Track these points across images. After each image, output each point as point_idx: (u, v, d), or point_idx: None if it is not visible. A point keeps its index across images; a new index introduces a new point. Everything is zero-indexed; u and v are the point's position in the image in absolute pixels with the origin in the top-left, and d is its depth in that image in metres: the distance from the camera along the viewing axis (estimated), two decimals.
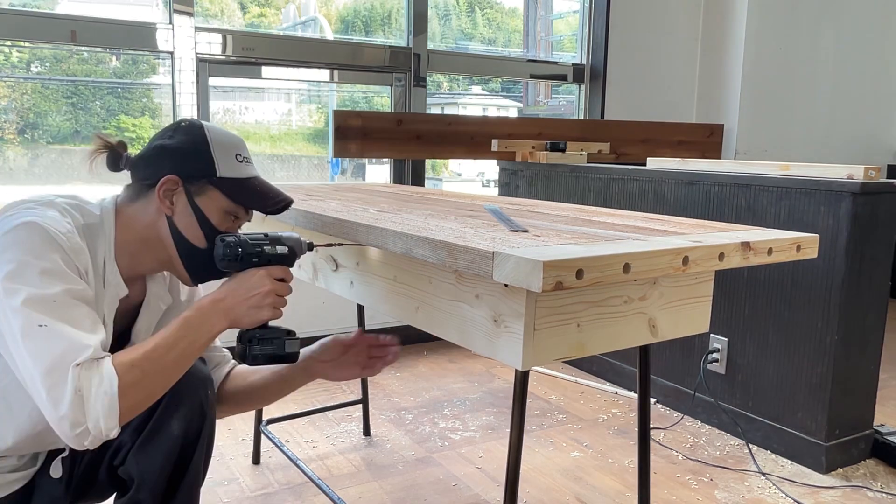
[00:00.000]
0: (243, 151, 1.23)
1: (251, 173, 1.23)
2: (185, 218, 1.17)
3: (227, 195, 1.18)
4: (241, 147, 1.23)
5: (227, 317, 1.12)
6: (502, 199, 1.85)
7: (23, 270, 0.99)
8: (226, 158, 1.19)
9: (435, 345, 3.34)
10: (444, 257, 1.00)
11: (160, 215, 1.17)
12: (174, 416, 1.22)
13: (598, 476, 2.13)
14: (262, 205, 1.24)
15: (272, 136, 3.42)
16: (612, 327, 1.12)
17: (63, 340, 0.97)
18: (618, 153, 3.65)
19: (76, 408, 0.94)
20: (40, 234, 1.02)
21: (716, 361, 2.47)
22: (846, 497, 2.04)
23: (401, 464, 2.18)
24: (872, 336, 2.21)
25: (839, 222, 2.08)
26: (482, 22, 3.95)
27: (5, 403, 1.10)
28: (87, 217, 1.14)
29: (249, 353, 1.18)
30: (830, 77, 4.23)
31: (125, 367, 0.99)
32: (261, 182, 1.24)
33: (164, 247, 1.18)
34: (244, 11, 3.26)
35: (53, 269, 1.01)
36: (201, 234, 1.18)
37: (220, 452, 2.21)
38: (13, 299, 0.97)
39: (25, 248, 1.00)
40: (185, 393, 1.22)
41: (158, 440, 1.21)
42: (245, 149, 1.24)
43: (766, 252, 1.13)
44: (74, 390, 0.94)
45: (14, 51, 2.76)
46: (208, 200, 1.18)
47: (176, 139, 1.19)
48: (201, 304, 1.11)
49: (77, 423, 0.95)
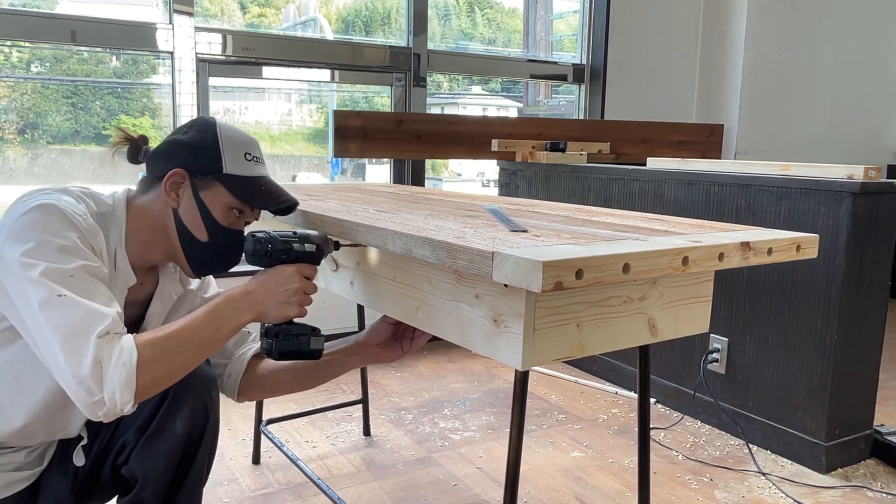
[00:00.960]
0: (254, 151, 1.25)
1: (259, 173, 1.25)
2: (190, 211, 1.20)
3: (231, 191, 1.20)
4: (252, 146, 1.25)
5: (255, 309, 1.15)
6: (502, 199, 1.85)
7: (41, 247, 1.01)
8: (234, 156, 1.21)
9: (435, 345, 3.34)
10: (444, 257, 1.00)
11: (167, 207, 1.20)
12: (177, 416, 1.22)
13: (598, 476, 2.13)
14: (265, 203, 1.25)
15: (272, 136, 3.42)
16: (611, 327, 1.12)
17: (82, 309, 0.99)
18: (618, 153, 3.65)
19: (95, 376, 0.96)
20: (57, 215, 1.05)
21: (716, 361, 2.47)
22: (846, 497, 2.04)
23: (401, 464, 2.18)
24: (872, 336, 2.21)
25: (839, 222, 2.08)
26: (482, 22, 3.95)
27: (19, 384, 1.12)
28: (100, 206, 1.17)
29: (275, 349, 1.19)
30: (830, 77, 4.23)
31: (146, 344, 1.01)
32: (267, 182, 1.26)
33: (168, 238, 1.21)
34: (244, 11, 3.26)
35: (70, 246, 1.04)
36: (203, 227, 1.20)
37: (220, 452, 2.21)
38: (31, 272, 0.99)
39: (43, 227, 1.03)
40: (189, 393, 1.23)
41: (162, 440, 1.21)
42: (257, 149, 1.26)
43: (765, 252, 1.13)
44: (94, 360, 0.96)
45: (14, 51, 2.76)
46: (212, 195, 1.20)
47: (189, 135, 1.22)
48: (231, 295, 1.14)
49: (92, 391, 0.96)
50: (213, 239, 1.21)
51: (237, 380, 1.41)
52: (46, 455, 1.24)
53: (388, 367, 3.04)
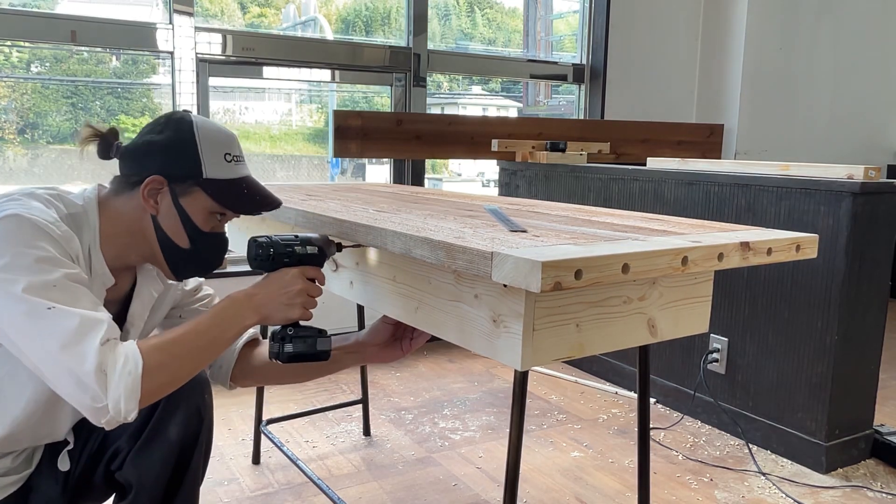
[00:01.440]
0: (234, 149, 1.20)
1: (240, 173, 1.20)
2: (170, 218, 1.16)
3: (212, 196, 1.17)
4: (231, 145, 1.20)
5: (259, 312, 1.13)
6: (502, 199, 1.85)
7: (18, 261, 0.98)
8: (214, 158, 1.17)
9: (435, 345, 3.34)
10: (443, 257, 1.00)
11: (145, 213, 1.16)
12: (171, 422, 1.22)
13: (598, 476, 2.13)
14: (248, 208, 1.22)
15: (272, 136, 3.42)
16: (611, 327, 1.12)
17: (75, 317, 0.96)
18: (618, 153, 3.65)
19: (99, 384, 0.94)
20: (28, 225, 1.02)
21: (716, 361, 2.47)
22: (846, 497, 2.04)
23: (401, 464, 2.18)
24: (872, 336, 2.21)
25: (839, 222, 2.08)
26: (482, 22, 3.95)
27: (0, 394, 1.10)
28: (70, 207, 1.13)
29: (283, 351, 1.19)
30: (830, 77, 4.23)
31: (150, 350, 1.00)
32: (249, 183, 1.22)
33: (147, 242, 1.18)
34: (244, 11, 3.26)
35: (48, 256, 1.01)
36: (185, 234, 1.17)
37: (220, 452, 2.21)
38: (13, 287, 0.96)
39: (16, 239, 1.00)
40: (182, 397, 1.22)
41: (156, 446, 1.21)
42: (236, 146, 1.21)
43: (765, 252, 1.13)
44: (98, 367, 0.94)
45: (14, 51, 2.76)
46: (193, 201, 1.16)
47: (165, 135, 1.16)
48: (235, 297, 1.13)
49: (98, 397, 0.94)
50: (195, 245, 1.18)
51: (228, 370, 1.40)
52: (34, 458, 1.23)
53: (388, 367, 3.04)
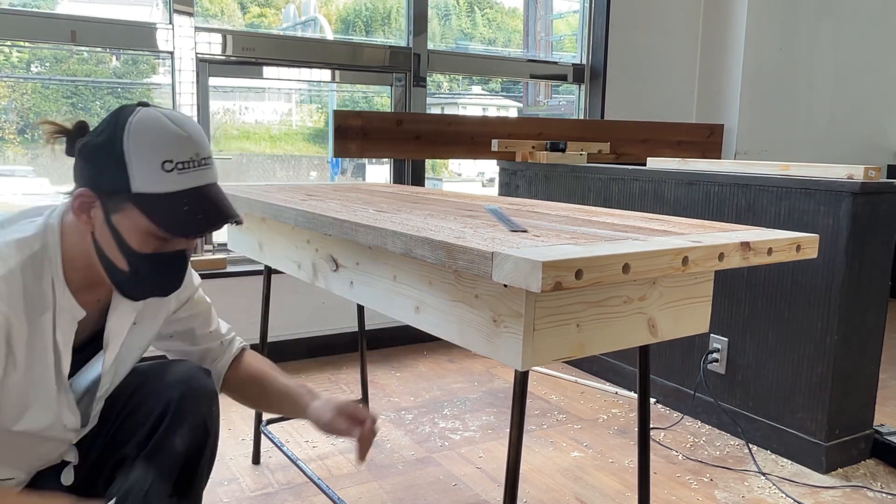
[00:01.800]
0: (179, 154, 0.98)
1: (183, 185, 0.98)
2: (104, 237, 1.01)
3: (145, 214, 0.97)
4: (173, 149, 0.98)
5: None
6: (502, 199, 1.85)
7: None
8: (145, 167, 0.96)
9: (435, 345, 3.34)
10: (444, 257, 1.00)
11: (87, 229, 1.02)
12: (177, 433, 1.21)
13: (598, 476, 2.13)
14: (186, 229, 1.00)
15: (272, 136, 3.42)
16: (611, 327, 1.12)
17: None
18: (618, 153, 3.65)
19: None
20: None
21: (716, 361, 2.47)
22: (846, 497, 2.04)
23: (401, 464, 2.18)
24: (872, 336, 2.21)
25: (839, 222, 2.08)
26: (482, 22, 3.95)
27: None
28: (25, 248, 1.00)
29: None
30: (830, 77, 4.23)
31: None
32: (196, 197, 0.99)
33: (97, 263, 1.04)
34: (244, 11, 3.26)
35: None
36: (121, 256, 1.01)
37: (220, 452, 2.21)
38: None
39: None
40: (190, 409, 1.21)
41: (161, 457, 1.20)
42: (184, 150, 0.98)
43: (765, 252, 1.13)
44: None
45: (14, 51, 2.76)
46: (125, 219, 0.98)
47: (101, 137, 1.00)
48: None
49: None
50: (135, 269, 1.02)
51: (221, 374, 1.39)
52: None
53: (388, 367, 3.04)
